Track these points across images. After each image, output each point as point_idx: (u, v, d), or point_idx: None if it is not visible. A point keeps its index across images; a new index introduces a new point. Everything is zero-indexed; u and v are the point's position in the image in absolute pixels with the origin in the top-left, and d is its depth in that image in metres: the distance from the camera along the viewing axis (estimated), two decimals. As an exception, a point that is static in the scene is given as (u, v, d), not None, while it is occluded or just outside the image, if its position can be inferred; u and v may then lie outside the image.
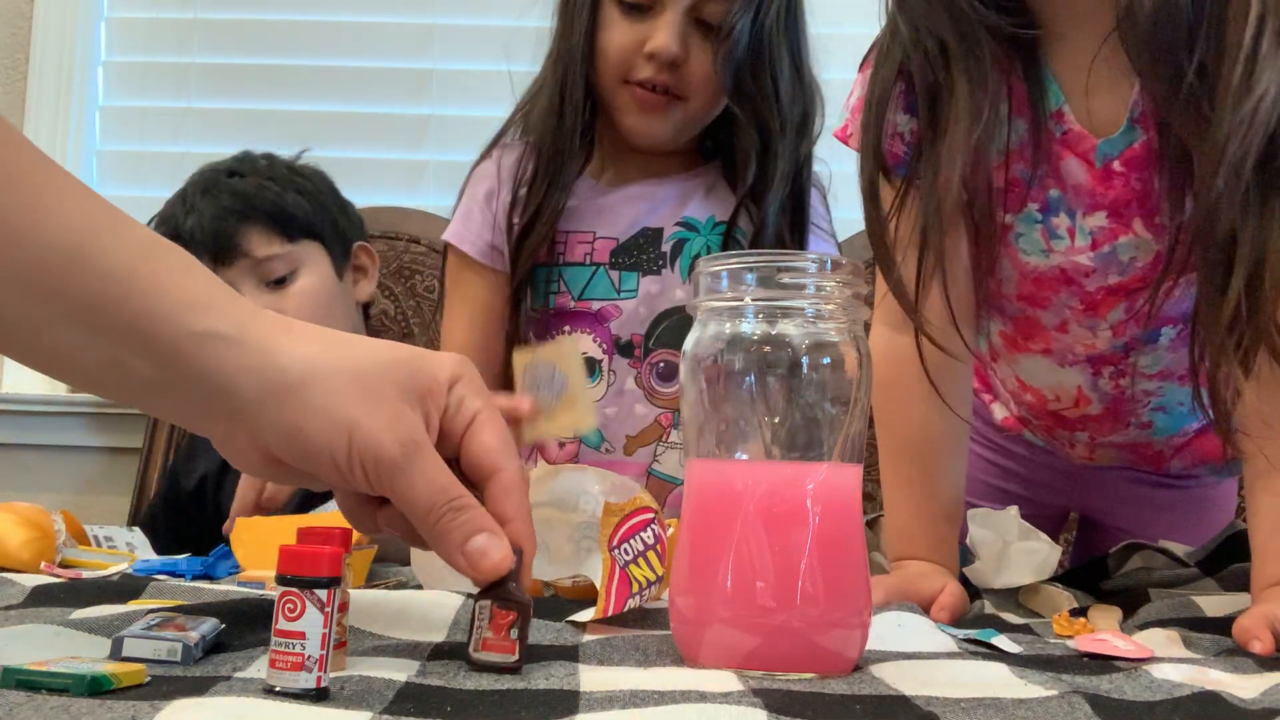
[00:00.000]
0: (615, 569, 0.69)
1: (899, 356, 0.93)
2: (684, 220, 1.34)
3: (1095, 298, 0.97)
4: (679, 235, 1.33)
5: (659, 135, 1.31)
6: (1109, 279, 0.95)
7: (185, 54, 2.05)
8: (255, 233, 1.42)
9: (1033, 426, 1.16)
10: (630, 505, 0.71)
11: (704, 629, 0.60)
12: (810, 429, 0.61)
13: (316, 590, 0.50)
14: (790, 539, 0.59)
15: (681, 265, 1.32)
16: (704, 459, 0.62)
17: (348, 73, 2.06)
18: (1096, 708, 0.53)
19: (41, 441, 1.96)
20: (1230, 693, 0.58)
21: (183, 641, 0.56)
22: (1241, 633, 0.73)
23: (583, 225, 1.34)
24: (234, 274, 1.40)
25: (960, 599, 0.86)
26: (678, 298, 1.30)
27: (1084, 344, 1.01)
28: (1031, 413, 1.12)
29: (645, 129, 1.30)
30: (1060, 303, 0.98)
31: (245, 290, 1.38)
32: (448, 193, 2.05)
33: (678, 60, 1.24)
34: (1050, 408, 1.08)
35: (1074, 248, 0.93)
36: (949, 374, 0.94)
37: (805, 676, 0.59)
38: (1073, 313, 0.98)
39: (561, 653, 0.61)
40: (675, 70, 1.25)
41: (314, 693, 0.50)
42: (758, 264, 0.62)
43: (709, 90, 1.28)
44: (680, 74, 1.26)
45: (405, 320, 1.73)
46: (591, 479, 0.87)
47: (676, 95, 1.27)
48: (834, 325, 0.61)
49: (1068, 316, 0.99)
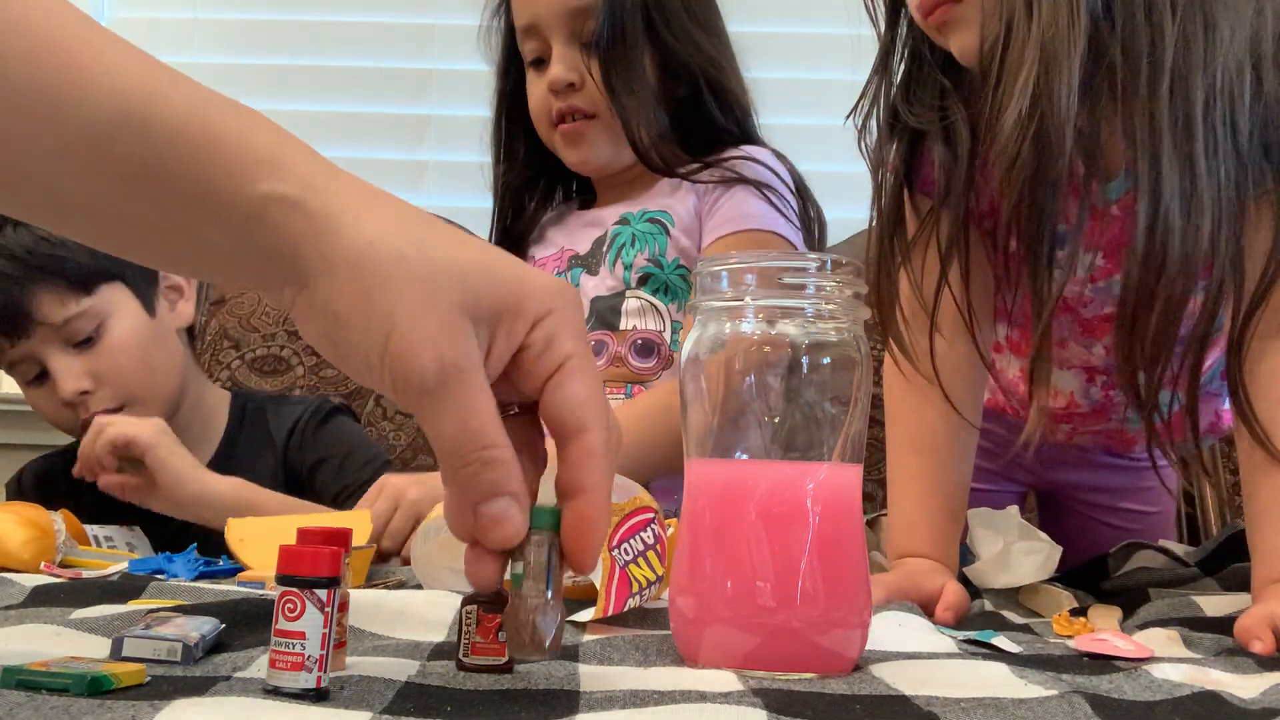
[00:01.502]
0: (615, 569, 0.69)
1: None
2: (621, 218, 1.40)
3: (1092, 324, 1.02)
4: (614, 232, 1.39)
5: (595, 158, 1.40)
6: (1104, 309, 1.00)
7: (185, 54, 2.05)
8: (44, 295, 1.25)
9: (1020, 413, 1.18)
10: (630, 505, 0.71)
11: (704, 629, 0.60)
12: (810, 429, 0.61)
13: (316, 590, 0.50)
14: (790, 539, 0.59)
15: (609, 257, 1.38)
16: (704, 459, 0.62)
17: (348, 73, 2.06)
18: (1096, 708, 0.53)
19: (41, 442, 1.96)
20: (1230, 693, 0.58)
21: (183, 641, 0.56)
22: (1242, 632, 0.73)
23: (558, 245, 1.44)
24: (34, 345, 1.26)
25: (963, 598, 0.86)
26: (607, 286, 1.37)
27: (1079, 357, 1.06)
28: (1023, 405, 1.14)
29: (579, 157, 1.40)
30: (1060, 324, 1.01)
31: (51, 358, 1.26)
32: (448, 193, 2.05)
33: (573, 85, 1.35)
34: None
35: (1075, 278, 0.95)
36: (963, 381, 0.96)
37: (805, 676, 0.59)
38: (1071, 333, 1.03)
39: (562, 652, 0.61)
40: (577, 94, 1.35)
41: (314, 693, 0.50)
42: (758, 264, 0.62)
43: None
44: (582, 96, 1.36)
45: (405, 320, 1.74)
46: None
47: (587, 115, 1.36)
48: (834, 325, 0.61)
49: (1066, 335, 1.03)
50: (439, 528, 0.85)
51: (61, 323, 1.26)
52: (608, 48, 1.33)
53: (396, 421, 1.73)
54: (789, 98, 1.72)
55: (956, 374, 0.95)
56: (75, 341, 1.27)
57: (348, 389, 1.73)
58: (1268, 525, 0.83)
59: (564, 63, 1.35)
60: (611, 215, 1.41)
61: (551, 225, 1.47)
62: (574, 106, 1.36)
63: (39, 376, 1.29)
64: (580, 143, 1.38)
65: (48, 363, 1.28)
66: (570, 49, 1.35)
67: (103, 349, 1.28)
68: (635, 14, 1.34)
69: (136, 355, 1.30)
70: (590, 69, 1.34)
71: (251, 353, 1.76)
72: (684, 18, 1.37)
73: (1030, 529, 0.93)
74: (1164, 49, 0.83)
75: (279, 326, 1.76)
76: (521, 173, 1.46)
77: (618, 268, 1.36)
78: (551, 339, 0.50)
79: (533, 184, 1.47)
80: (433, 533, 0.84)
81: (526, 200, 1.47)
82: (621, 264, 1.36)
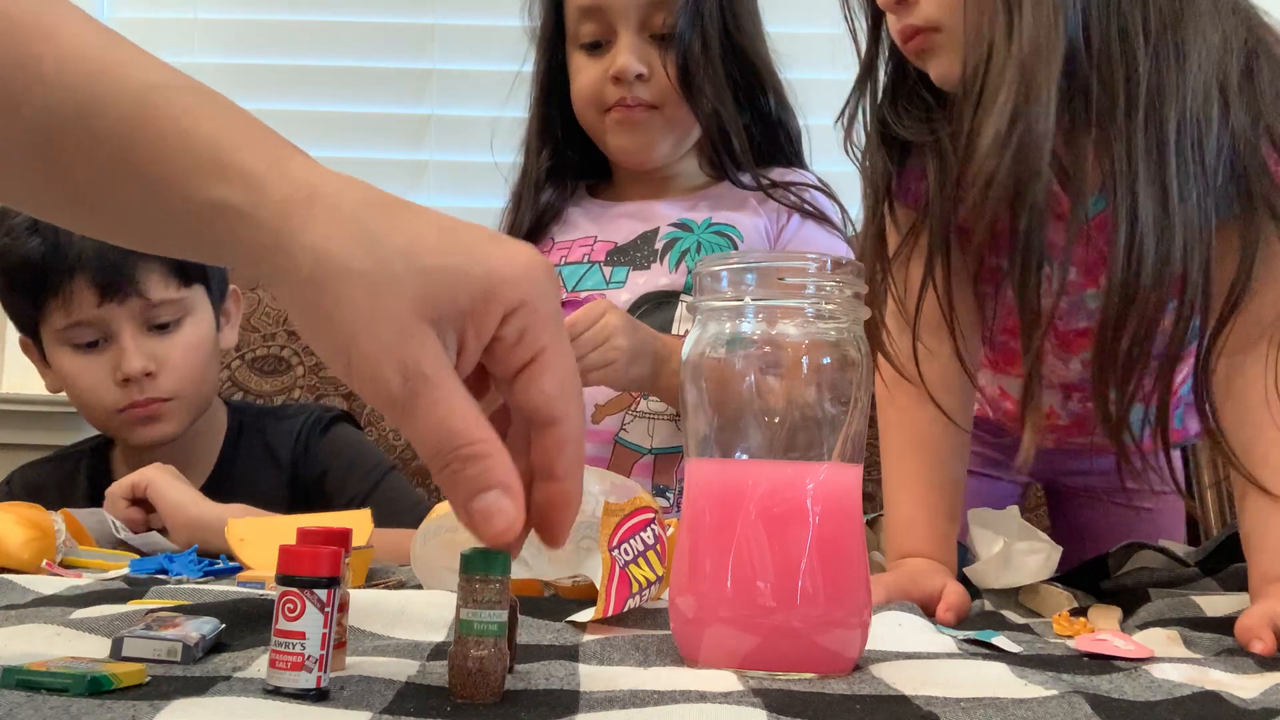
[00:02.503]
0: (615, 569, 0.69)
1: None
2: (679, 221, 1.37)
3: (1068, 338, 1.05)
4: (671, 235, 1.37)
5: (647, 149, 1.37)
6: (1077, 323, 1.03)
7: (185, 54, 2.05)
8: (154, 274, 1.29)
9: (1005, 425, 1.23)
10: (630, 505, 0.71)
11: (704, 629, 0.60)
12: (810, 429, 0.61)
13: (316, 590, 0.50)
14: (790, 539, 0.59)
15: (670, 259, 1.36)
16: (704, 459, 0.62)
17: (348, 73, 2.06)
18: (1096, 708, 0.53)
19: (42, 441, 1.96)
20: (1230, 693, 0.58)
21: (183, 641, 0.56)
22: (1243, 632, 0.73)
23: (586, 232, 1.41)
24: (117, 313, 1.28)
25: (964, 598, 0.86)
26: (660, 284, 1.34)
27: (1057, 373, 1.08)
28: (1007, 417, 1.20)
29: (632, 144, 1.37)
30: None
31: (125, 331, 1.27)
32: (448, 193, 2.05)
33: (642, 76, 1.33)
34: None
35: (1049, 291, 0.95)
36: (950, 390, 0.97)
37: (805, 676, 0.59)
38: (1050, 347, 1.04)
39: (561, 653, 0.61)
40: (644, 85, 1.33)
41: (314, 693, 0.50)
42: (758, 264, 0.62)
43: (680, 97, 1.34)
44: (648, 87, 1.33)
45: (405, 320, 1.74)
46: (591, 478, 0.87)
47: (650, 105, 1.34)
48: (834, 325, 0.61)
49: (1044, 349, 1.02)
50: (439, 528, 0.85)
51: (156, 302, 1.29)
52: (689, 44, 1.31)
53: (396, 421, 1.73)
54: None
55: (943, 382, 0.96)
56: (154, 324, 1.30)
57: (348, 388, 1.73)
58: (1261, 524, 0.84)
59: (635, 53, 1.33)
60: (655, 212, 1.40)
61: (571, 206, 1.45)
62: (638, 98, 1.34)
63: (93, 344, 1.29)
64: (636, 130, 1.36)
65: (119, 335, 1.28)
66: (641, 39, 1.33)
67: (175, 341, 1.31)
68: (715, 12, 1.33)
69: (199, 359, 1.33)
70: (664, 62, 1.32)
71: (252, 353, 1.76)
72: (753, 22, 1.37)
73: (1030, 529, 0.93)
74: (1139, 76, 0.85)
75: (279, 326, 1.76)
76: (556, 154, 1.43)
77: (680, 270, 1.35)
78: (523, 332, 0.49)
79: (565, 167, 1.44)
80: (433, 533, 0.84)
81: (556, 182, 1.44)
82: (685, 268, 1.35)
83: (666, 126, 1.36)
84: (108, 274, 1.27)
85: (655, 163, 1.40)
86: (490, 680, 0.51)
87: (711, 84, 1.32)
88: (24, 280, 1.29)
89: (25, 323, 1.34)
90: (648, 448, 1.32)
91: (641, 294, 1.35)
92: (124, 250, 1.23)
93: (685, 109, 1.35)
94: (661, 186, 1.42)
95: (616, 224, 1.41)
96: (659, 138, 1.37)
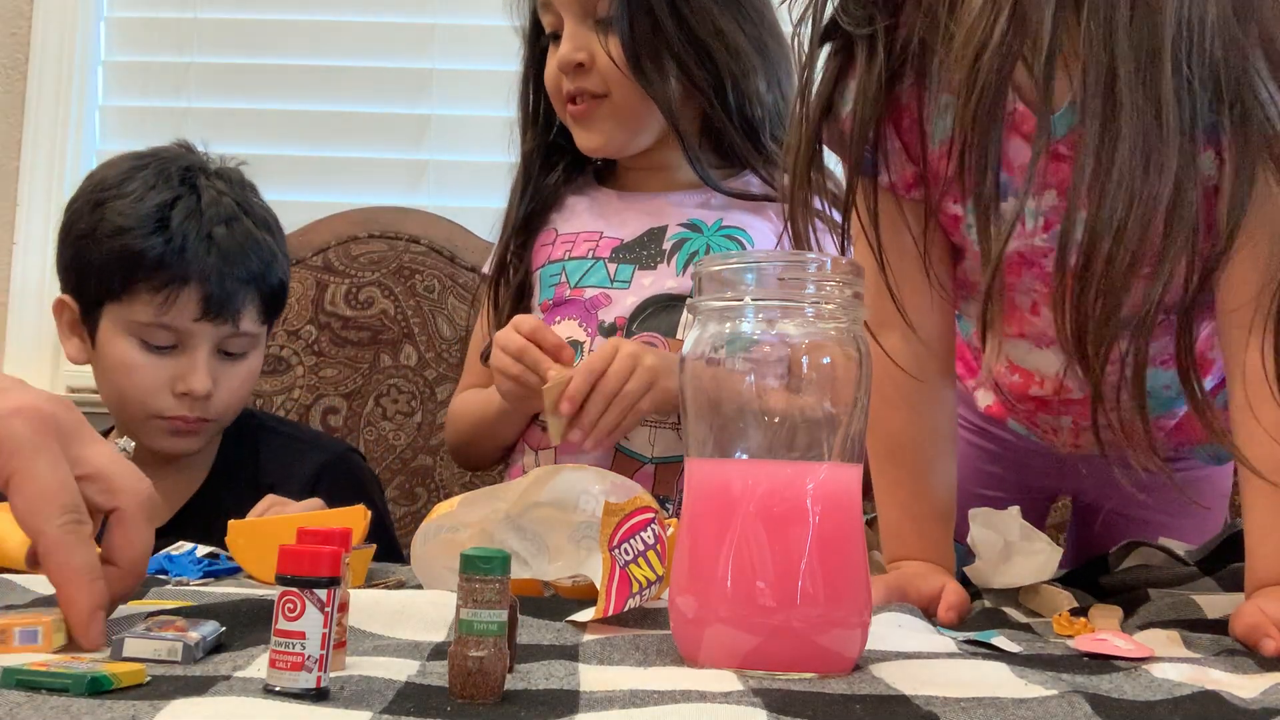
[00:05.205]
0: (615, 569, 0.69)
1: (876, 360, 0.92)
2: (689, 221, 1.35)
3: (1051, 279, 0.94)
4: (680, 235, 1.35)
5: (604, 140, 1.35)
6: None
7: (185, 54, 2.05)
8: (253, 307, 1.30)
9: (1016, 413, 1.14)
10: (630, 505, 0.71)
11: (704, 629, 0.60)
12: (810, 429, 0.61)
13: (316, 590, 0.50)
14: (790, 539, 0.59)
15: (679, 261, 1.33)
16: (704, 459, 0.62)
17: (348, 73, 2.06)
18: (1096, 708, 0.53)
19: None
20: (1230, 693, 0.58)
21: (183, 641, 0.56)
22: (1250, 630, 0.72)
23: (591, 225, 1.39)
24: (208, 332, 1.27)
25: (964, 598, 0.86)
26: (667, 287, 1.32)
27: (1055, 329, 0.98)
28: (1015, 396, 1.11)
29: (588, 140, 1.35)
30: (1026, 285, 0.97)
31: (202, 349, 1.27)
32: (448, 193, 2.05)
33: (582, 64, 1.30)
34: (1033, 392, 1.07)
35: (1025, 231, 0.91)
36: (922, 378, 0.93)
37: (805, 676, 0.59)
38: (1040, 295, 0.97)
39: (561, 653, 0.61)
40: (586, 75, 1.31)
41: (314, 693, 0.50)
42: (757, 264, 0.62)
43: (627, 81, 1.30)
44: (591, 75, 1.31)
45: (405, 320, 1.74)
46: (592, 478, 0.87)
47: (595, 94, 1.31)
48: (834, 325, 0.61)
49: (1037, 298, 0.98)
50: (439, 528, 0.85)
51: (241, 333, 1.30)
52: (627, 24, 1.28)
53: (396, 421, 1.73)
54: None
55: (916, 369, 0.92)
56: (227, 351, 1.30)
57: (348, 389, 1.73)
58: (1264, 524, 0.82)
59: (572, 41, 1.30)
60: (664, 207, 1.37)
61: (574, 195, 1.43)
62: (582, 88, 1.31)
63: (165, 348, 1.28)
64: (589, 125, 1.33)
65: (196, 351, 1.27)
66: (581, 27, 1.30)
67: (238, 370, 1.31)
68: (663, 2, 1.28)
69: (247, 391, 1.34)
70: (607, 47, 1.29)
71: (251, 353, 1.75)
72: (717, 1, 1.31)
73: (1030, 529, 0.93)
74: None
75: (278, 327, 1.76)
76: (544, 139, 1.41)
77: (688, 273, 1.32)
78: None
79: (557, 151, 1.42)
80: (433, 533, 0.85)
81: (550, 167, 1.41)
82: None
83: (615, 114, 1.32)
84: (219, 295, 1.26)
85: (620, 152, 1.37)
86: (490, 680, 0.51)
87: (655, 64, 1.28)
88: (126, 263, 1.26)
89: (94, 293, 1.29)
90: (649, 456, 1.30)
91: (647, 296, 1.33)
92: (239, 278, 1.27)
93: (636, 93, 1.31)
94: (661, 176, 1.39)
95: (623, 217, 1.38)
96: (610, 126, 1.33)
